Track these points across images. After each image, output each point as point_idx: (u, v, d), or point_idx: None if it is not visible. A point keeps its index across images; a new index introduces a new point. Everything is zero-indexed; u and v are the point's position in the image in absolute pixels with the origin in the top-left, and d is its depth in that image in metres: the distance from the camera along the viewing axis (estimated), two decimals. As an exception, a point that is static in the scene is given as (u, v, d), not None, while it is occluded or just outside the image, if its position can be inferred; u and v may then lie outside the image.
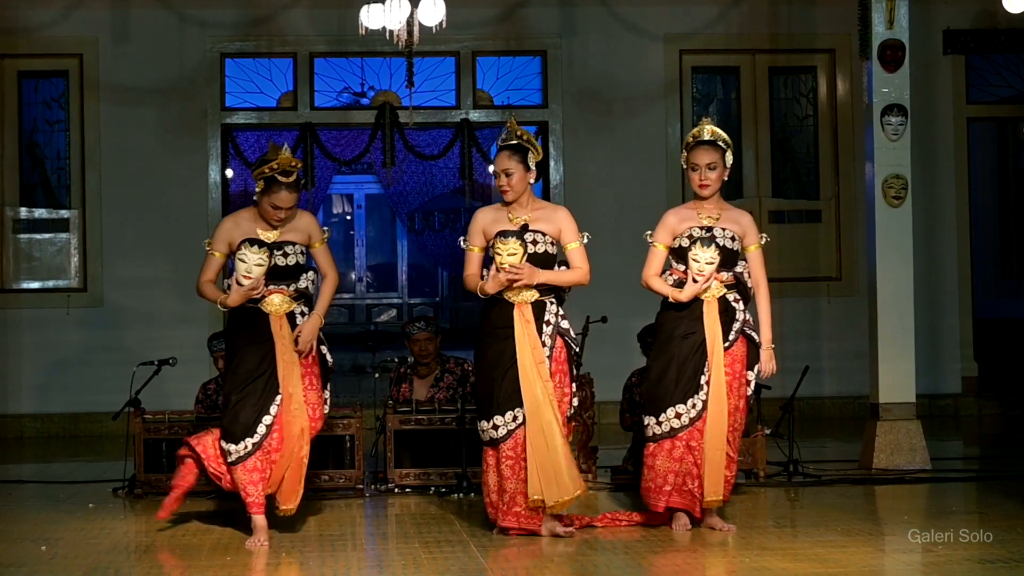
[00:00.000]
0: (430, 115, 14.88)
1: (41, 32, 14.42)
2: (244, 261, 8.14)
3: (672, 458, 8.29)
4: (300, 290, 8.31)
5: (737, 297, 8.37)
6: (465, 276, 8.37)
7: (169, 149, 14.43)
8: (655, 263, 8.45)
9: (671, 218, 8.48)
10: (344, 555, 7.87)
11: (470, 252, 8.33)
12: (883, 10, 10.97)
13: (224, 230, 8.34)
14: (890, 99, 10.99)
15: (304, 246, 8.34)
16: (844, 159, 15.02)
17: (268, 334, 8.19)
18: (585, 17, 14.81)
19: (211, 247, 8.34)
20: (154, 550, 8.06)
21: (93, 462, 11.72)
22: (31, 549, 8.09)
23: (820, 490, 9.90)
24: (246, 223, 8.32)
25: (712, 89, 15.34)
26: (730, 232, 8.37)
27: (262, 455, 8.17)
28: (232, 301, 8.17)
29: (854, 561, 7.37)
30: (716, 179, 8.41)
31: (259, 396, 8.16)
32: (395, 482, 9.97)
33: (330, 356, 8.46)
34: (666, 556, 7.72)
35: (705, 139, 8.48)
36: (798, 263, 15.01)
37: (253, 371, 8.19)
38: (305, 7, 14.67)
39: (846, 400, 14.59)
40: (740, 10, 14.92)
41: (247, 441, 8.16)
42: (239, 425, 8.17)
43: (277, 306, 8.23)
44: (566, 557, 7.71)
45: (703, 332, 8.27)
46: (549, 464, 8.01)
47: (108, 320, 14.35)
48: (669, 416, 8.28)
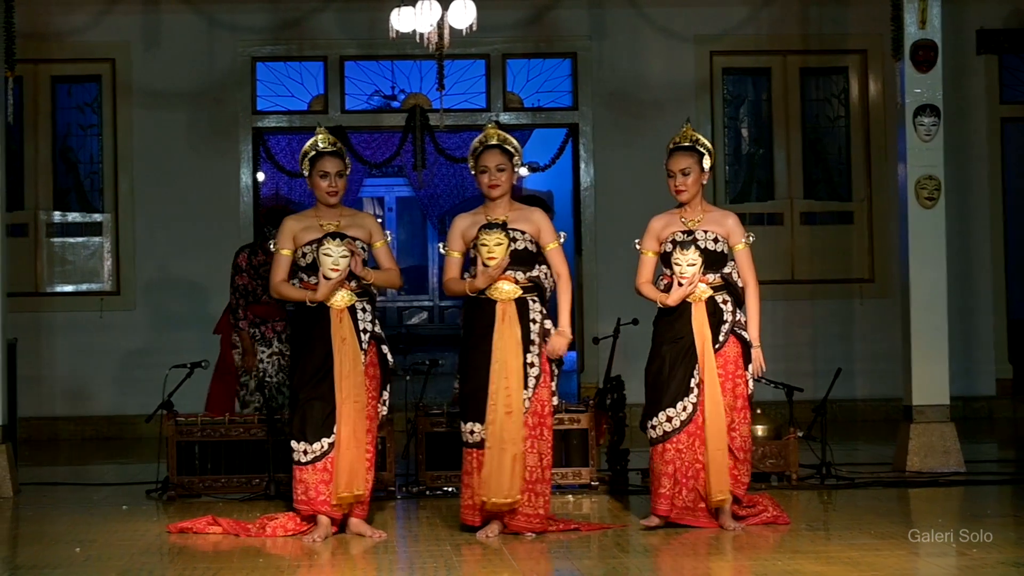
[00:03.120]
0: (460, 118, 14.87)
1: (74, 37, 14.47)
2: (329, 255, 8.24)
3: (664, 461, 8.37)
4: (363, 285, 8.37)
5: (726, 298, 8.45)
6: (446, 281, 8.55)
7: (200, 153, 14.47)
8: (645, 270, 8.61)
9: (655, 224, 8.64)
10: (375, 557, 7.89)
11: (450, 257, 8.51)
12: (915, 10, 10.93)
13: (287, 228, 8.47)
14: (923, 99, 10.95)
15: (366, 243, 8.44)
16: (876, 160, 14.97)
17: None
18: (615, 19, 14.79)
19: (277, 246, 8.45)
20: (186, 552, 8.07)
21: (127, 464, 11.76)
22: (66, 551, 8.12)
23: (853, 493, 9.87)
24: (307, 219, 8.48)
25: (743, 90, 15.30)
26: (713, 234, 8.47)
27: (333, 455, 8.21)
28: (320, 296, 8.25)
29: (887, 564, 7.35)
30: (692, 183, 8.52)
31: (328, 394, 8.22)
32: (426, 485, 9.98)
33: (390, 356, 8.50)
34: (697, 559, 7.71)
35: (681, 145, 8.53)
36: (830, 265, 14.96)
37: (319, 368, 8.26)
38: (335, 10, 14.69)
39: (879, 402, 14.52)
40: (771, 11, 14.88)
41: (323, 441, 8.22)
42: (311, 424, 8.23)
43: (339, 300, 8.28)
44: (596, 560, 7.70)
45: (691, 335, 8.37)
46: (495, 463, 8.13)
47: (141, 323, 14.40)
48: (661, 420, 8.40)
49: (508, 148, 8.40)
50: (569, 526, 8.50)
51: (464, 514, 8.37)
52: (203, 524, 8.57)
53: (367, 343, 8.34)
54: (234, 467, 10.04)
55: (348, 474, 8.18)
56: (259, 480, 9.96)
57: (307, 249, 8.34)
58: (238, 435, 10.06)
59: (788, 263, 14.89)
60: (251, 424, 10.10)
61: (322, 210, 8.49)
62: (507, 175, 8.42)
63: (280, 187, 21.55)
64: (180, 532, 8.56)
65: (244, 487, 10.00)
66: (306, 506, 8.27)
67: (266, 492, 9.86)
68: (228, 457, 10.04)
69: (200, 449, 10.01)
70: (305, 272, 8.36)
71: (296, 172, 17.32)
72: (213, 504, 9.65)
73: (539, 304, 8.36)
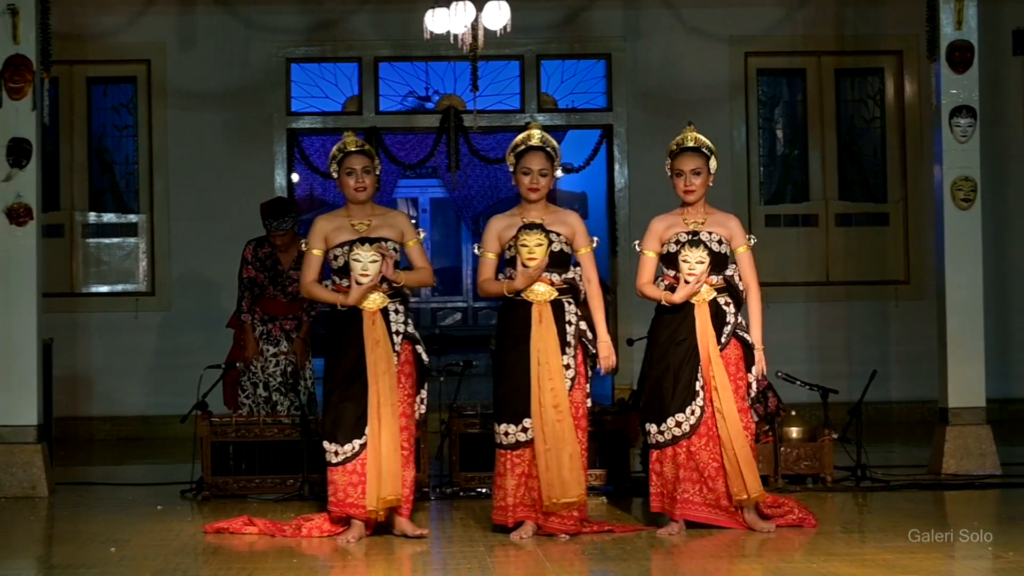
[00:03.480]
0: (494, 119, 14.87)
1: (109, 39, 14.52)
2: (359, 260, 8.26)
3: (676, 464, 8.37)
4: (395, 287, 8.37)
5: (728, 300, 8.46)
6: (481, 282, 8.51)
7: (235, 154, 14.50)
8: (647, 271, 8.59)
9: (658, 225, 8.64)
10: (409, 558, 7.90)
11: (484, 258, 8.50)
12: (951, 11, 10.88)
13: (318, 227, 8.46)
14: (959, 100, 10.91)
15: (398, 243, 8.44)
16: (912, 161, 14.91)
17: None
18: (649, 19, 14.77)
19: (308, 246, 8.46)
20: (221, 552, 8.09)
21: (161, 464, 11.79)
22: (100, 550, 8.15)
23: (888, 495, 9.84)
24: (338, 219, 8.47)
25: (778, 91, 15.26)
26: (717, 235, 8.49)
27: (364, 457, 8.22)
28: (352, 300, 8.26)
29: (923, 567, 7.31)
30: (701, 185, 8.54)
31: (360, 396, 8.22)
32: (460, 486, 9.98)
33: (426, 356, 8.50)
34: (731, 561, 7.69)
35: (689, 145, 8.53)
36: (865, 266, 14.91)
37: (352, 370, 8.26)
38: (370, 11, 14.71)
39: (914, 404, 14.46)
40: (806, 12, 14.84)
41: (354, 442, 8.22)
42: (343, 426, 8.23)
43: (372, 303, 8.30)
44: (632, 560, 7.69)
45: (694, 337, 8.37)
46: (553, 464, 8.13)
47: (175, 323, 14.44)
48: (670, 425, 8.38)
49: (550, 151, 8.40)
50: (603, 527, 8.49)
51: (496, 515, 8.37)
52: (239, 524, 8.59)
53: (400, 344, 8.34)
54: (268, 467, 10.06)
55: (381, 479, 8.17)
56: (293, 481, 9.99)
57: (339, 252, 8.34)
58: (272, 436, 10.08)
59: (823, 265, 14.85)
60: (285, 425, 10.12)
61: (353, 209, 8.48)
62: (548, 180, 8.43)
63: (314, 188, 21.59)
64: (216, 532, 8.58)
65: (278, 488, 10.02)
66: (336, 508, 8.27)
67: (300, 493, 9.88)
68: (262, 457, 10.07)
69: (234, 449, 10.04)
70: (338, 275, 8.37)
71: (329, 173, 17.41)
72: (247, 505, 9.67)
73: (574, 306, 8.36)
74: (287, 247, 10.82)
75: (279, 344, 10.94)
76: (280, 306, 10.93)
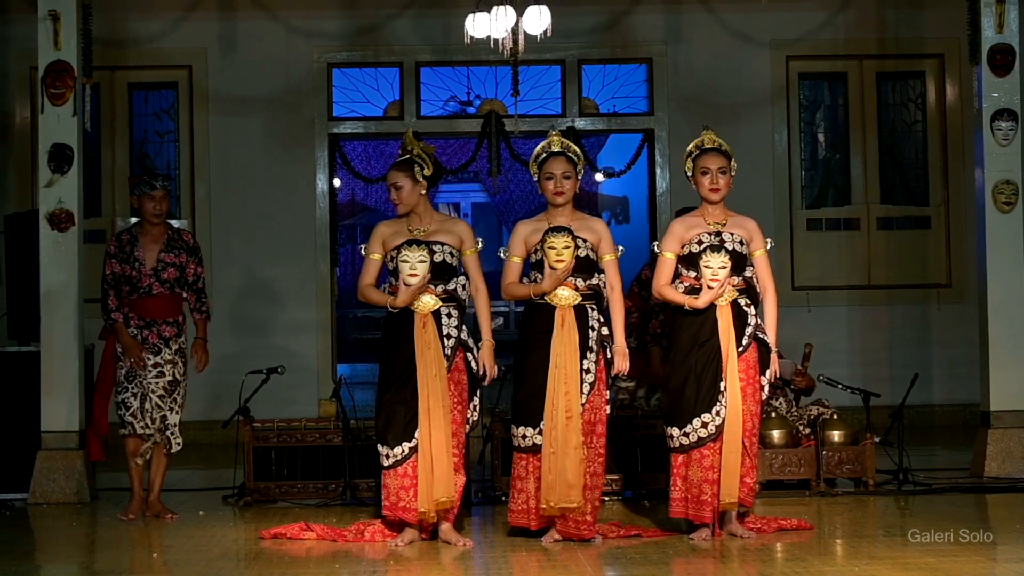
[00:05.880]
0: (536, 123, 14.87)
1: (150, 44, 14.58)
2: (407, 261, 8.30)
3: (703, 467, 8.33)
4: (449, 291, 8.40)
5: (748, 302, 8.46)
6: (506, 285, 8.52)
7: (277, 159, 14.54)
8: (665, 272, 8.57)
9: (678, 226, 8.64)
10: (452, 562, 7.91)
11: (510, 261, 8.51)
12: (993, 14, 10.86)
13: (378, 233, 8.54)
14: (1000, 104, 10.88)
15: (454, 249, 8.46)
16: (953, 165, 14.85)
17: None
18: (691, 24, 14.76)
19: (367, 251, 8.52)
20: (263, 557, 8.12)
21: (203, 470, 11.83)
22: (142, 556, 8.20)
23: (930, 498, 9.81)
24: (398, 224, 8.53)
25: (819, 95, 15.22)
26: (738, 236, 8.51)
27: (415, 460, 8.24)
28: (401, 301, 8.29)
29: (965, 571, 7.29)
30: (726, 184, 8.59)
31: (411, 398, 8.25)
32: (502, 490, 9.99)
33: (475, 364, 8.50)
34: (774, 565, 7.68)
35: (711, 147, 8.57)
36: (907, 270, 14.86)
37: (403, 371, 8.29)
38: (411, 17, 14.73)
39: (956, 408, 14.40)
40: (847, 15, 14.80)
41: (404, 445, 8.24)
42: (393, 429, 8.26)
43: (423, 305, 8.33)
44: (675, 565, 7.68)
45: (718, 339, 8.34)
46: (556, 468, 8.15)
47: (217, 329, 14.37)
48: (696, 426, 8.34)
49: (572, 156, 8.44)
50: (630, 532, 8.50)
51: (515, 518, 8.39)
52: (296, 530, 8.60)
53: (452, 349, 8.35)
54: (311, 473, 10.09)
55: (432, 481, 8.19)
56: (335, 485, 10.01)
57: (394, 254, 8.39)
58: (314, 441, 10.11)
59: (865, 268, 14.80)
60: (328, 430, 10.14)
61: (413, 216, 8.53)
62: (572, 183, 8.46)
63: (356, 193, 21.64)
64: (274, 538, 8.59)
65: (321, 493, 10.04)
66: (390, 512, 8.29)
67: (342, 497, 9.90)
68: (305, 462, 10.09)
69: (276, 455, 10.07)
70: (395, 277, 8.41)
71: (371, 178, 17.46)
72: (289, 510, 9.70)
73: (597, 312, 8.36)
74: (161, 215, 9.72)
75: (159, 353, 9.69)
76: (157, 306, 9.71)
